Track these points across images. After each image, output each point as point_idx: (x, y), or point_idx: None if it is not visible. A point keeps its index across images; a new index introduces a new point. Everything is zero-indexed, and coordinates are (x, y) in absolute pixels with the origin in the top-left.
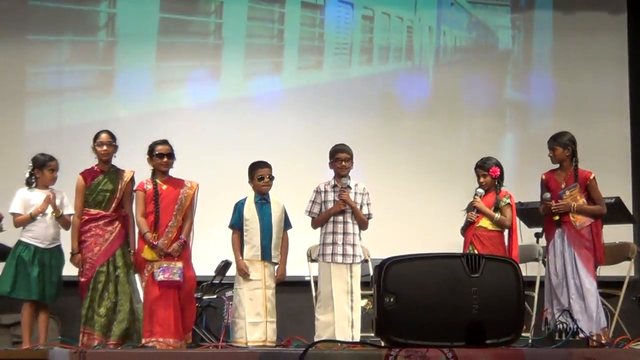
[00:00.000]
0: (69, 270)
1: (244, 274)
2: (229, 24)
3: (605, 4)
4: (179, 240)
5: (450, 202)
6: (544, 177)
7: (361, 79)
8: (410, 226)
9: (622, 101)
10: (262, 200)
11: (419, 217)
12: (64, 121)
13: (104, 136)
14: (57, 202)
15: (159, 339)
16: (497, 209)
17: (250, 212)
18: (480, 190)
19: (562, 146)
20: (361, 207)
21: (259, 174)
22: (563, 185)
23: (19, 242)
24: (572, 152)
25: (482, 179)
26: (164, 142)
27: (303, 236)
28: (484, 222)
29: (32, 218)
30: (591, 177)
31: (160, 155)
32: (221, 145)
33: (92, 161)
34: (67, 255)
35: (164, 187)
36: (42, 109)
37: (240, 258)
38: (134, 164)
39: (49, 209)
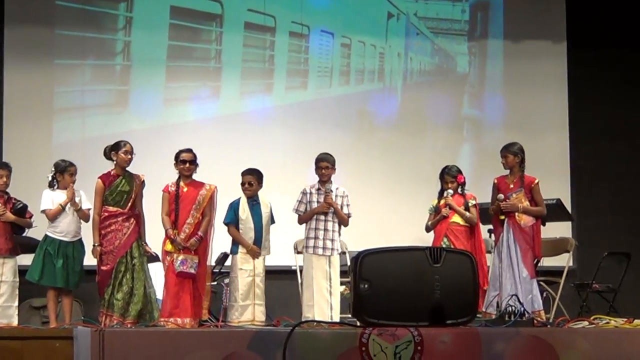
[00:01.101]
0: (90, 260)
1: (256, 253)
2: (228, 50)
3: (548, 34)
4: (196, 235)
5: (416, 203)
6: (495, 181)
7: (340, 98)
8: (382, 223)
9: (562, 117)
10: (254, 202)
11: (389, 215)
12: (86, 133)
13: (129, 146)
14: (77, 199)
15: (177, 319)
16: (466, 208)
17: (245, 213)
18: (450, 191)
19: (513, 154)
20: (342, 207)
21: (242, 180)
22: (511, 186)
23: (46, 237)
24: (521, 160)
25: (450, 185)
26: (188, 150)
27: (291, 231)
28: (456, 218)
29: (62, 208)
30: (535, 182)
31: (183, 162)
32: (220, 153)
33: (110, 167)
34: (87, 248)
35: (185, 189)
36: (67, 123)
37: (249, 244)
38: (146, 169)
39: (69, 205)
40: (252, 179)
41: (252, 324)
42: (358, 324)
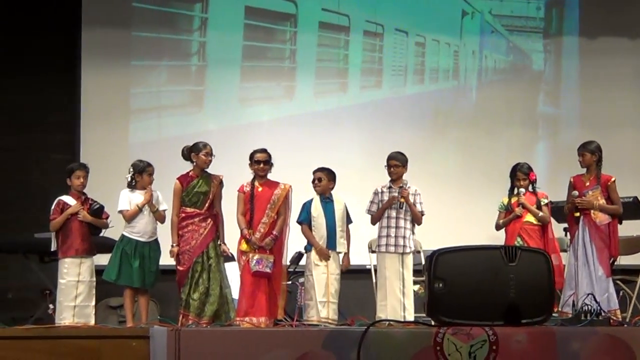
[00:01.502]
0: (167, 260)
1: (325, 255)
2: (302, 50)
3: (624, 30)
4: (271, 235)
5: (490, 202)
6: (572, 179)
7: (414, 96)
8: (456, 222)
9: (639, 114)
10: (326, 199)
11: (464, 214)
12: (162, 134)
13: (209, 147)
14: (153, 200)
15: (252, 318)
16: (538, 207)
17: (317, 211)
18: (523, 190)
19: (590, 152)
20: (414, 205)
21: (313, 177)
22: (587, 184)
23: (123, 237)
24: (599, 158)
25: (522, 182)
26: (262, 150)
27: (365, 231)
28: (529, 218)
29: (139, 209)
30: (612, 180)
31: (258, 162)
32: (295, 153)
33: (186, 167)
34: (164, 248)
35: (260, 189)
36: (143, 123)
37: (319, 244)
38: (221, 169)
39: (146, 207)
40: (322, 175)
41: (326, 322)
42: (433, 323)
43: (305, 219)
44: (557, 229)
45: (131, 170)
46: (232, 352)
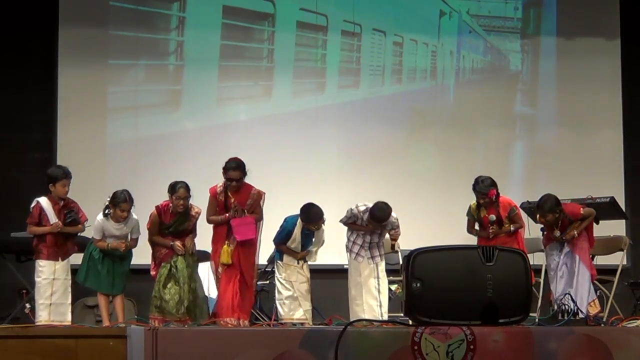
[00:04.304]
0: (143, 259)
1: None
2: (280, 49)
3: (601, 31)
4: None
5: (467, 202)
6: (543, 236)
7: (392, 96)
8: (434, 222)
9: (616, 114)
10: (308, 231)
11: (441, 214)
12: (139, 133)
13: (181, 192)
14: (130, 228)
15: (229, 318)
16: (509, 218)
17: (296, 241)
18: (492, 216)
19: (551, 212)
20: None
21: (313, 225)
22: (558, 234)
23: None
24: (560, 212)
25: (481, 201)
26: (235, 168)
27: (343, 231)
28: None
29: (108, 248)
30: (582, 212)
31: (230, 180)
32: (272, 153)
33: (164, 169)
34: (136, 251)
35: (233, 200)
36: (121, 123)
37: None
38: (198, 170)
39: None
40: (319, 223)
41: (302, 321)
42: (410, 322)
43: (282, 241)
44: (534, 229)
45: (108, 199)
46: (209, 351)
